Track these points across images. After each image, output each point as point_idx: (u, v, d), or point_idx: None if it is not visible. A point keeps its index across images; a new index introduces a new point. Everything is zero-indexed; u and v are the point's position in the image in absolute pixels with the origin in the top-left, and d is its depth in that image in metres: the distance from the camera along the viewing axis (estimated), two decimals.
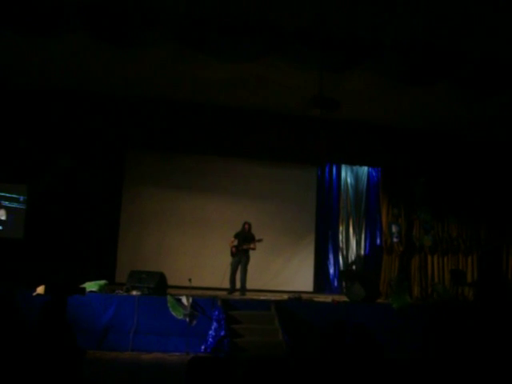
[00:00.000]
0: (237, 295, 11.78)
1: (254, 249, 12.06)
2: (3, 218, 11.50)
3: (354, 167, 15.23)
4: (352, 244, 15.18)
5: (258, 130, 12.74)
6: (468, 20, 8.05)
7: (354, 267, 15.05)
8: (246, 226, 12.17)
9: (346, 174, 15.28)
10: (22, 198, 11.61)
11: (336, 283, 14.68)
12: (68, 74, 10.74)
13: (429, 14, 7.95)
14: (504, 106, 10.85)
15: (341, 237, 15.15)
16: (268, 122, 12.78)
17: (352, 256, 15.17)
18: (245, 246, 12.03)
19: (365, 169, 15.26)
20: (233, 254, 12.16)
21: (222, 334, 9.60)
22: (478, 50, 8.89)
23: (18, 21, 7.64)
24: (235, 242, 12.14)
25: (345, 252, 15.13)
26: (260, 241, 12.03)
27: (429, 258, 13.82)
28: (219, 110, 12.42)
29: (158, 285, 10.54)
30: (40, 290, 8.21)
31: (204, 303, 10.19)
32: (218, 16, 8.15)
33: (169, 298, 10.00)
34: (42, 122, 11.67)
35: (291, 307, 10.76)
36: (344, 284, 14.23)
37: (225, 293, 11.84)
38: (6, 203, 11.53)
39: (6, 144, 11.63)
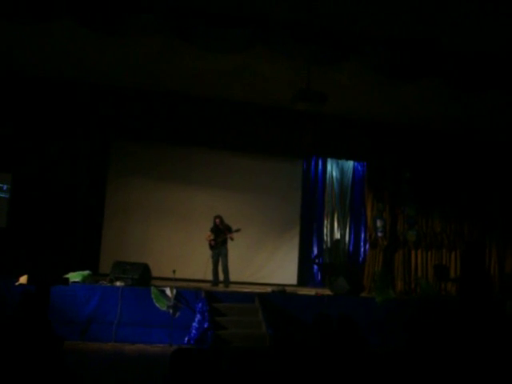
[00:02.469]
0: (221, 287, 11.79)
1: (231, 239, 12.08)
2: None
3: (340, 161, 15.25)
4: (336, 237, 15.22)
5: (245, 122, 12.73)
6: (455, 15, 8.08)
7: (338, 261, 15.09)
8: (217, 221, 12.18)
9: (332, 168, 15.29)
10: (5, 187, 11.50)
11: (320, 277, 14.70)
12: (53, 62, 10.67)
13: (416, 9, 7.96)
14: (489, 101, 10.93)
15: (325, 230, 15.16)
16: (254, 114, 12.77)
17: (336, 250, 15.21)
18: (219, 239, 12.07)
19: (350, 163, 15.29)
20: (211, 248, 12.18)
21: (206, 325, 9.60)
22: (464, 45, 8.94)
23: (3, 7, 7.56)
24: (212, 236, 12.16)
25: (329, 246, 15.17)
26: (238, 231, 12.02)
27: (413, 252, 13.89)
28: (206, 101, 12.38)
29: (142, 276, 10.51)
30: (23, 279, 8.16)
31: (188, 295, 10.18)
32: (205, 6, 8.12)
33: (153, 289, 9.99)
34: (27, 110, 11.56)
35: (275, 300, 10.78)
36: (328, 278, 14.27)
37: (209, 285, 11.86)
38: None
39: None
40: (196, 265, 12.22)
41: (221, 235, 12.09)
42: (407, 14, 8.11)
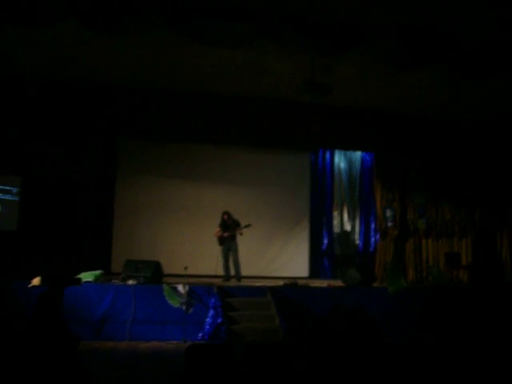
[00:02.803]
0: (233, 282, 11.82)
1: (240, 234, 12.10)
2: None
3: (348, 152, 15.23)
4: (347, 229, 15.21)
5: (251, 116, 12.71)
6: (459, 2, 8.03)
7: (349, 252, 15.08)
8: (225, 217, 12.22)
9: (340, 159, 15.28)
10: (15, 190, 11.56)
11: (331, 268, 14.70)
12: (59, 64, 10.68)
13: None
14: (497, 87, 10.86)
15: (335, 222, 15.18)
16: (260, 108, 12.75)
17: (347, 241, 15.21)
18: (225, 234, 12.11)
19: (358, 154, 15.26)
20: (221, 243, 12.21)
21: (219, 321, 9.62)
22: (469, 33, 8.88)
23: (5, 9, 7.57)
24: (220, 232, 12.18)
25: (339, 237, 15.16)
26: (248, 226, 12.03)
27: (423, 241, 13.87)
28: (211, 97, 12.38)
29: (154, 274, 10.55)
30: (36, 281, 8.22)
31: (200, 291, 10.21)
32: (208, 1, 8.10)
33: (165, 286, 10.02)
34: (34, 113, 11.59)
35: (287, 293, 10.79)
36: (339, 269, 14.28)
37: (221, 280, 11.89)
38: (0, 195, 11.49)
39: None
40: (207, 261, 12.23)
41: (229, 230, 12.10)
42: (410, 2, 8.06)
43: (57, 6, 7.63)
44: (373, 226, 14.98)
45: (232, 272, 12.19)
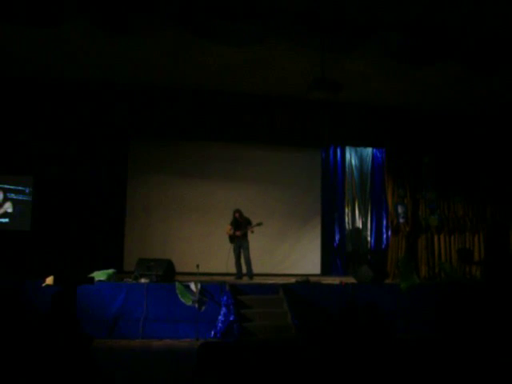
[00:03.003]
0: (245, 280, 11.83)
1: (252, 231, 12.10)
2: (10, 210, 11.54)
3: (359, 149, 15.21)
4: (358, 225, 15.20)
5: (261, 113, 12.73)
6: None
7: (361, 249, 15.06)
8: (237, 215, 12.20)
9: (351, 156, 15.26)
10: (27, 190, 11.64)
11: (343, 265, 14.67)
12: (70, 64, 10.73)
13: None
14: (509, 81, 10.80)
15: (347, 219, 15.17)
16: (271, 105, 12.77)
17: (358, 237, 15.19)
18: (237, 233, 12.10)
19: (369, 150, 15.24)
20: (232, 241, 12.23)
21: (232, 318, 9.64)
22: (480, 27, 8.83)
23: (15, 11, 7.62)
24: (231, 230, 12.19)
25: (351, 234, 15.14)
26: (259, 225, 12.02)
27: (435, 237, 13.81)
28: (222, 95, 12.41)
29: (166, 272, 10.58)
30: (49, 280, 8.24)
31: (212, 289, 10.22)
32: (218, 0, 8.11)
33: (177, 284, 10.05)
34: (45, 113, 11.67)
35: (299, 290, 10.78)
36: (351, 266, 14.26)
37: (233, 278, 11.90)
38: (13, 195, 11.56)
39: (10, 136, 11.65)
40: (219, 258, 12.25)
41: (241, 228, 12.11)
42: None
43: (68, 6, 7.67)
44: (384, 222, 14.95)
45: (244, 270, 12.20)
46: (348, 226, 15.17)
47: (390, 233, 14.14)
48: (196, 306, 9.85)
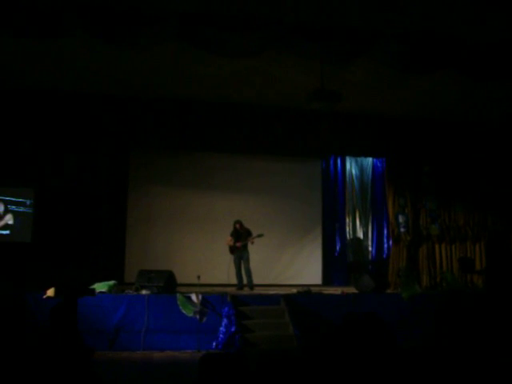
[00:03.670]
0: (246, 291, 11.81)
1: (252, 242, 12.09)
2: (11, 222, 11.53)
3: (359, 158, 15.25)
4: (359, 235, 15.19)
5: (261, 124, 12.74)
6: (467, 6, 8.02)
7: (362, 258, 15.05)
8: (238, 226, 12.20)
9: (351, 166, 15.29)
10: (28, 202, 11.64)
11: (345, 275, 14.65)
12: (71, 75, 10.75)
13: (427, 1, 7.92)
14: (509, 90, 10.82)
15: (348, 229, 15.18)
16: (270, 116, 12.77)
17: (360, 247, 15.17)
18: (238, 244, 12.08)
19: (369, 160, 15.27)
20: (232, 252, 12.21)
21: (233, 329, 9.62)
22: (480, 36, 8.86)
23: (16, 23, 7.66)
24: (232, 241, 12.18)
25: (352, 244, 15.13)
26: (260, 236, 12.02)
27: (436, 246, 13.78)
28: (220, 105, 12.42)
29: (167, 283, 10.57)
30: (50, 292, 8.24)
31: (214, 300, 10.21)
32: (217, 12, 8.15)
33: (178, 296, 10.04)
34: (45, 125, 11.69)
35: (301, 301, 10.77)
36: (353, 276, 14.24)
37: (234, 289, 11.88)
38: (13, 207, 11.56)
39: (10, 148, 11.66)
40: (220, 269, 12.24)
41: (241, 240, 12.10)
42: (418, 7, 8.07)
43: (68, 19, 7.72)
44: (385, 232, 14.95)
45: (244, 281, 12.18)
46: (349, 235, 15.18)
47: (390, 242, 14.12)
48: (197, 317, 9.84)
